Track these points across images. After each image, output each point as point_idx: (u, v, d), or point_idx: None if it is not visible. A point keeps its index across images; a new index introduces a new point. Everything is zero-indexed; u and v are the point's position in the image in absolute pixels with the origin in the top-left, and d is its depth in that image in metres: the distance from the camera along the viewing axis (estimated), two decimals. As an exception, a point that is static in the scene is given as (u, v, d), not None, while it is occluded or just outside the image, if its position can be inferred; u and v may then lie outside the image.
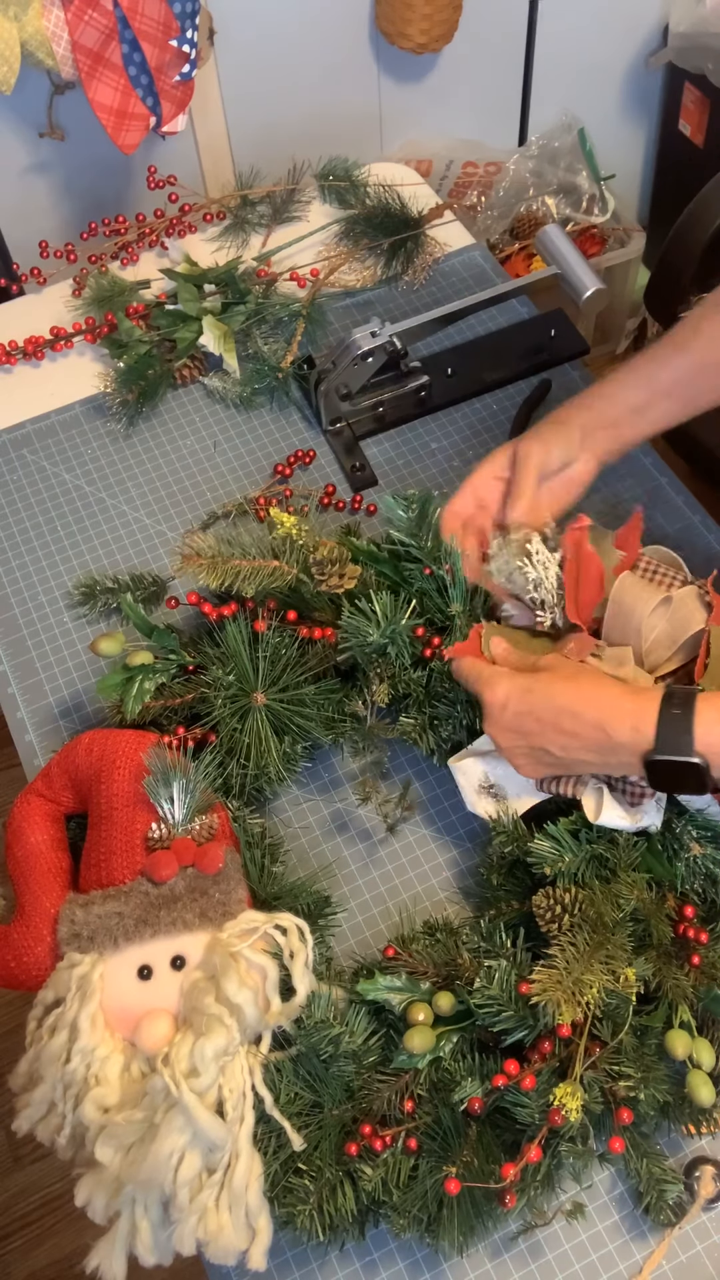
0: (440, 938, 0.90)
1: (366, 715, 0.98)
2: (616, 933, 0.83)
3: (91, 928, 0.81)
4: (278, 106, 1.89)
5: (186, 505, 1.25)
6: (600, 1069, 0.82)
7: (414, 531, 1.03)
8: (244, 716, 0.97)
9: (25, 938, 0.84)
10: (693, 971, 0.86)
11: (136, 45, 1.46)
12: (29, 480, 1.29)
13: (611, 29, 2.13)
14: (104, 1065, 0.77)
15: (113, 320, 1.35)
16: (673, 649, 0.94)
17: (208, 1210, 0.74)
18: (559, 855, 0.88)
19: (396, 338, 1.23)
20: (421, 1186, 0.80)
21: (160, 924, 0.81)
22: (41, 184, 1.76)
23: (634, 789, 0.89)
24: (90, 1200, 0.75)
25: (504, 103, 2.16)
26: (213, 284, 1.35)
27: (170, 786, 0.86)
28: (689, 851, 0.89)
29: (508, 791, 0.94)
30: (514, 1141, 0.81)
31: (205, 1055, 0.76)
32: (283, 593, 1.01)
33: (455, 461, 1.27)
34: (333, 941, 0.95)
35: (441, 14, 1.80)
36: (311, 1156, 0.81)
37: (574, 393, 1.07)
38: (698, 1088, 0.82)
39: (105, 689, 0.99)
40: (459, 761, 0.96)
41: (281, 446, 1.30)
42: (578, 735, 0.84)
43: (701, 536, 1.19)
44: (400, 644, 0.98)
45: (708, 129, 2.16)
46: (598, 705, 0.84)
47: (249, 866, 0.91)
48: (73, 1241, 1.67)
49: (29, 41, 1.44)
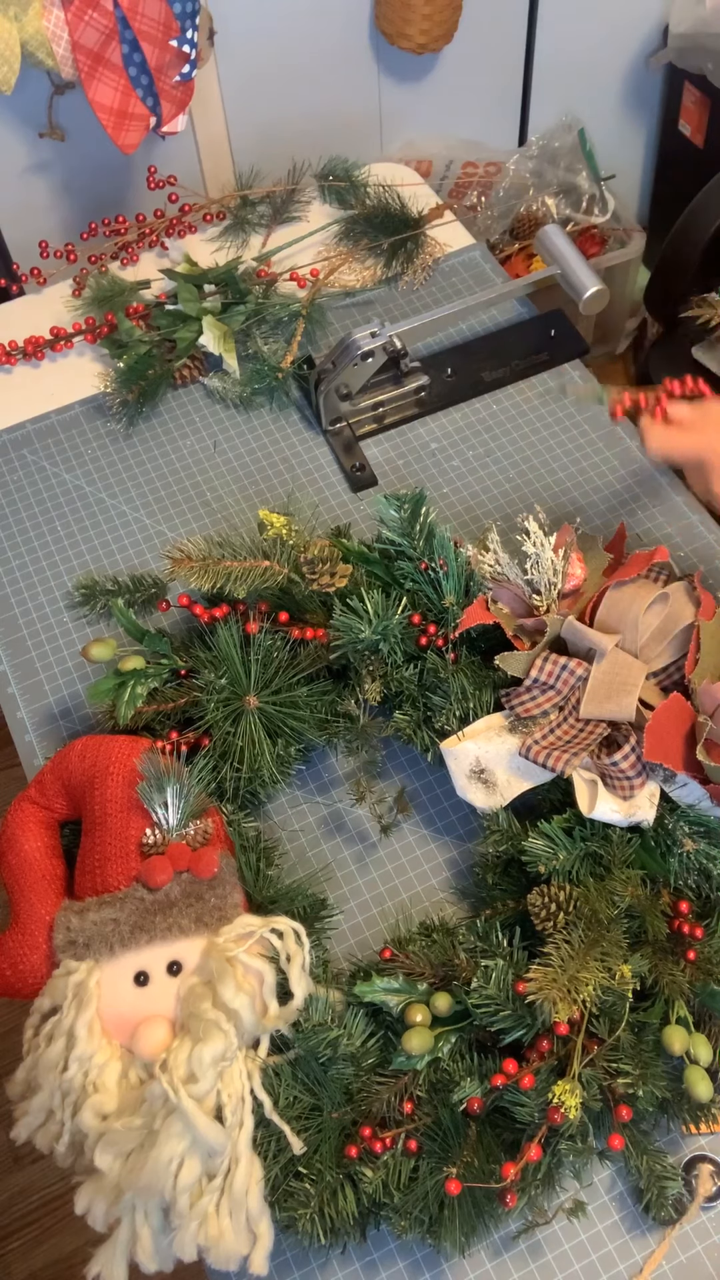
0: (437, 938, 0.90)
1: (359, 714, 0.98)
2: (612, 929, 0.84)
3: (87, 934, 0.81)
4: (278, 106, 1.89)
5: (186, 505, 1.25)
6: (598, 1066, 0.82)
7: (406, 531, 1.03)
8: (237, 720, 0.97)
9: (21, 945, 0.84)
10: (688, 967, 0.86)
11: (136, 45, 1.46)
12: (29, 480, 1.29)
13: (611, 29, 2.13)
14: (102, 1072, 0.77)
15: (113, 320, 1.35)
16: (664, 643, 0.94)
17: (208, 1216, 0.74)
18: (553, 853, 0.88)
19: (396, 338, 1.23)
20: (422, 1188, 0.80)
21: (156, 930, 0.81)
22: (41, 184, 1.75)
23: (626, 781, 0.90)
24: (90, 1207, 0.75)
25: (504, 103, 2.16)
26: (213, 284, 1.35)
27: (164, 792, 0.86)
28: (682, 847, 0.89)
29: (497, 776, 0.94)
30: (514, 1141, 0.81)
31: (203, 1060, 0.76)
32: (274, 594, 1.01)
33: (455, 461, 1.27)
34: (329, 944, 0.95)
35: (441, 14, 1.80)
36: (311, 1160, 0.81)
37: (573, 393, 1.07)
38: (696, 1083, 0.82)
39: (96, 695, 0.98)
40: (452, 745, 0.96)
41: (281, 446, 1.30)
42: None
43: (701, 536, 1.19)
44: (392, 641, 0.98)
45: (708, 129, 2.16)
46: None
47: (244, 870, 0.91)
48: (73, 1242, 1.67)
49: (29, 41, 1.44)
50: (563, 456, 1.26)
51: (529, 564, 0.98)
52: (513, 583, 0.99)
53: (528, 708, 0.94)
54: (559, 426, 1.29)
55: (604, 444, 1.27)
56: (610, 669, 0.93)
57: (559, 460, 1.26)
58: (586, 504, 1.22)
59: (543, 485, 1.24)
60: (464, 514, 1.22)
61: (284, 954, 0.81)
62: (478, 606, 0.98)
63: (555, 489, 1.24)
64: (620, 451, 1.26)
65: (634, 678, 0.92)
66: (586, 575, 0.99)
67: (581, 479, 1.24)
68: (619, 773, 0.90)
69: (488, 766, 0.95)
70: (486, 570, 1.00)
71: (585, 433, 1.28)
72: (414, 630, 1.00)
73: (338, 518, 1.23)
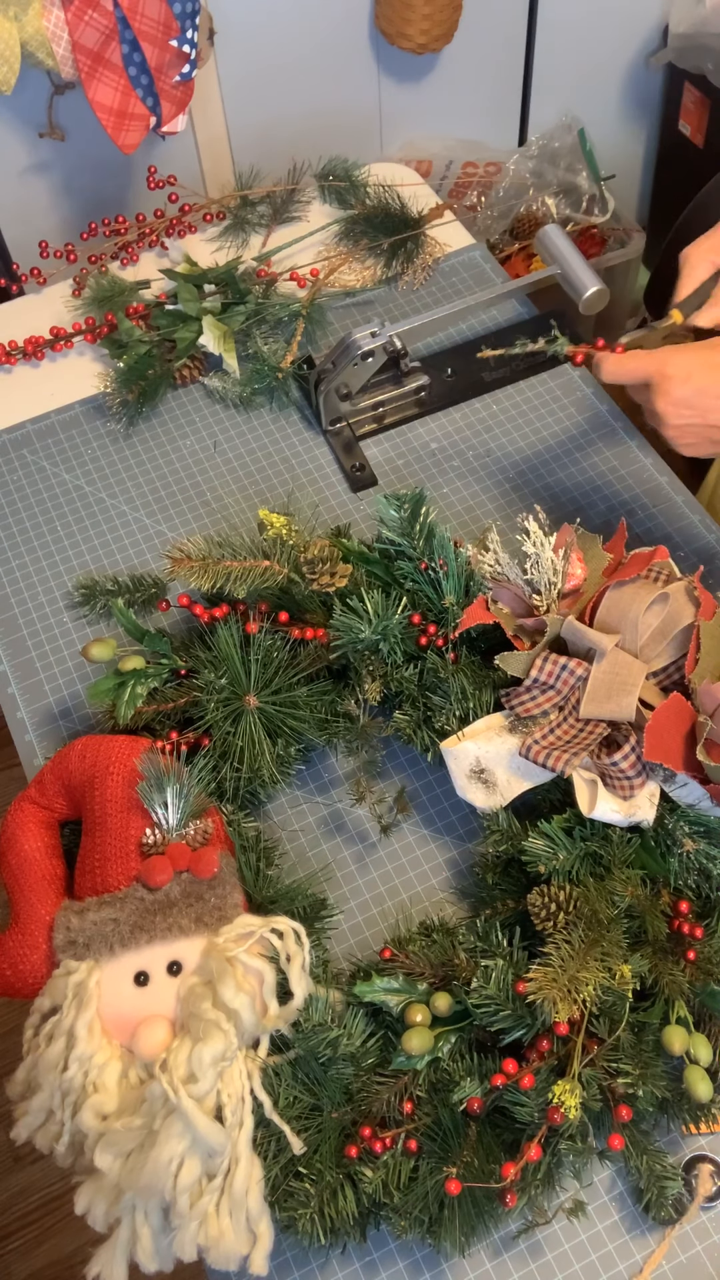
0: (436, 938, 0.90)
1: (359, 714, 0.98)
2: (612, 929, 0.84)
3: (87, 934, 0.81)
4: (278, 106, 1.89)
5: (186, 505, 1.25)
6: (598, 1066, 0.82)
7: (406, 531, 1.03)
8: (237, 720, 0.97)
9: (21, 946, 0.84)
10: (688, 967, 0.86)
11: (136, 45, 1.46)
12: (29, 480, 1.29)
13: (611, 29, 2.13)
14: (102, 1072, 0.77)
15: (113, 320, 1.35)
16: (664, 643, 0.94)
17: (208, 1216, 0.74)
18: (553, 853, 0.88)
19: (396, 338, 1.23)
20: (422, 1188, 0.80)
21: (156, 930, 0.81)
22: (41, 184, 1.76)
23: (626, 781, 0.90)
24: (90, 1207, 0.75)
25: (504, 103, 2.16)
26: (213, 284, 1.35)
27: (164, 792, 0.86)
28: (682, 847, 0.89)
29: (497, 776, 0.94)
30: (514, 1141, 0.81)
31: (203, 1060, 0.75)
32: (274, 594, 1.01)
33: (455, 462, 1.27)
34: (330, 944, 0.95)
35: (441, 14, 1.80)
36: (311, 1160, 0.81)
37: (572, 393, 1.07)
38: (695, 1083, 0.82)
39: (96, 695, 0.98)
40: (452, 745, 0.96)
41: (281, 446, 1.30)
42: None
43: (701, 536, 1.19)
44: (392, 641, 0.98)
45: (708, 129, 2.16)
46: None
47: (244, 870, 0.91)
48: (73, 1241, 1.67)
49: (29, 41, 1.44)
50: (563, 456, 1.26)
51: (529, 564, 0.98)
52: (513, 583, 0.99)
53: (528, 708, 0.94)
54: (559, 426, 1.29)
55: (604, 444, 1.27)
56: (610, 669, 0.93)
57: (559, 460, 1.26)
58: (586, 504, 1.22)
59: (543, 485, 1.24)
60: (464, 514, 1.22)
61: (284, 954, 0.81)
62: (478, 606, 0.98)
63: (555, 489, 1.24)
64: (620, 452, 1.26)
65: (634, 678, 0.92)
66: (586, 575, 0.99)
67: (581, 479, 1.24)
68: (619, 773, 0.90)
69: (488, 766, 0.95)
70: (486, 570, 1.00)
71: (585, 433, 1.28)
72: (414, 630, 1.00)
73: (338, 518, 1.23)
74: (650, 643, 0.95)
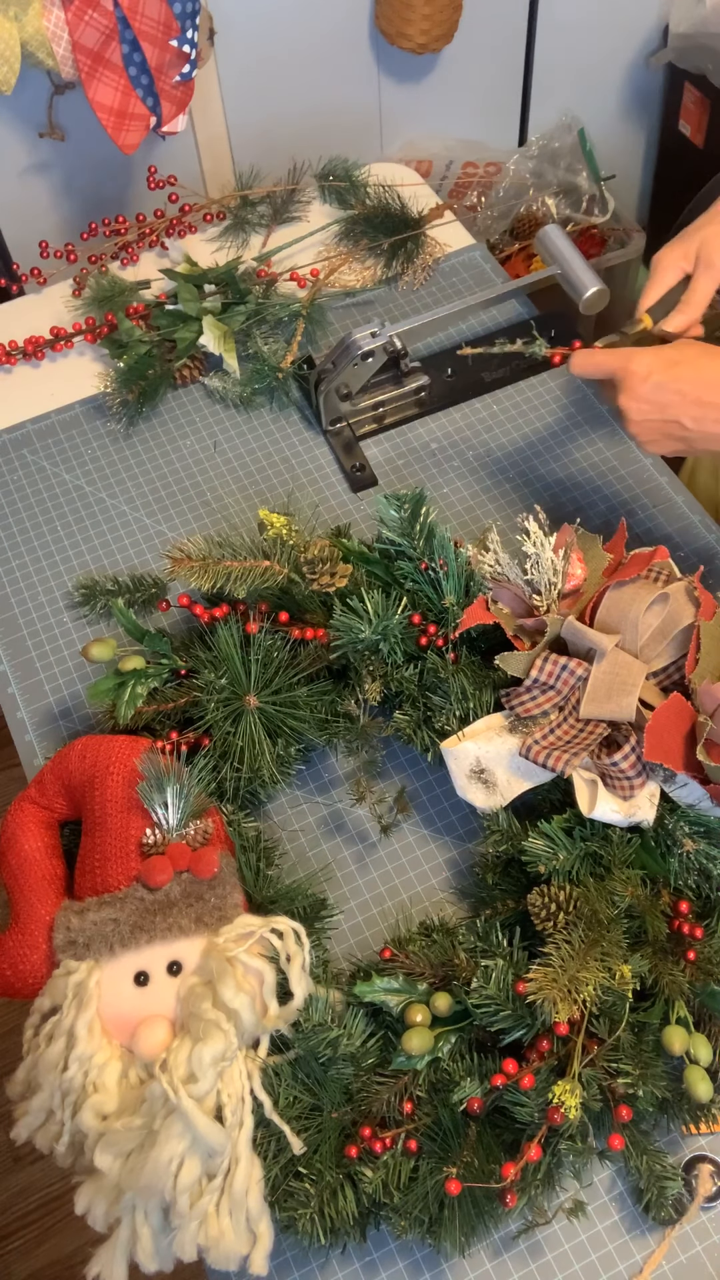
0: (436, 938, 0.90)
1: (359, 714, 0.98)
2: (612, 929, 0.84)
3: (87, 934, 0.81)
4: (278, 106, 1.89)
5: (186, 505, 1.25)
6: (598, 1066, 0.82)
7: (406, 531, 1.03)
8: (237, 720, 0.97)
9: (21, 946, 0.84)
10: (688, 967, 0.86)
11: (136, 45, 1.46)
12: (29, 480, 1.29)
13: (611, 29, 2.13)
14: (102, 1072, 0.77)
15: (113, 320, 1.35)
16: (664, 643, 0.94)
17: (208, 1216, 0.74)
18: (553, 853, 0.88)
19: (396, 338, 1.23)
20: (422, 1188, 0.80)
21: (156, 930, 0.81)
22: (41, 184, 1.76)
23: (626, 781, 0.90)
24: (90, 1207, 0.75)
25: (504, 103, 2.16)
26: (213, 284, 1.35)
27: (164, 791, 0.86)
28: (682, 847, 0.89)
29: (497, 776, 0.94)
30: (514, 1141, 0.81)
31: (203, 1060, 0.75)
32: (274, 594, 1.01)
33: (455, 462, 1.27)
34: (330, 944, 0.95)
35: (441, 14, 1.80)
36: (311, 1160, 0.81)
37: (573, 393, 1.08)
38: (695, 1083, 0.82)
39: (96, 695, 0.98)
40: (452, 745, 0.96)
41: (281, 446, 1.30)
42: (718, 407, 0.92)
43: (701, 536, 1.19)
44: (392, 641, 0.98)
45: (708, 129, 2.16)
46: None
47: (244, 870, 0.91)
48: (73, 1241, 1.67)
49: (29, 41, 1.44)
50: (563, 456, 1.26)
51: (529, 564, 0.98)
52: (513, 583, 0.99)
53: (528, 708, 0.94)
54: (559, 426, 1.29)
55: (604, 444, 1.27)
56: (610, 669, 0.93)
57: (559, 460, 1.26)
58: (586, 504, 1.22)
59: (543, 485, 1.24)
60: (464, 514, 1.22)
61: (284, 954, 0.81)
62: (478, 606, 0.98)
63: (555, 489, 1.24)
64: (620, 451, 1.26)
65: (634, 678, 0.92)
66: (586, 575, 0.99)
67: (581, 479, 1.24)
68: (619, 773, 0.90)
69: (488, 766, 0.95)
70: (486, 570, 1.00)
71: (585, 433, 1.28)
72: (414, 630, 1.00)
73: (338, 518, 1.23)
74: (650, 643, 0.95)
